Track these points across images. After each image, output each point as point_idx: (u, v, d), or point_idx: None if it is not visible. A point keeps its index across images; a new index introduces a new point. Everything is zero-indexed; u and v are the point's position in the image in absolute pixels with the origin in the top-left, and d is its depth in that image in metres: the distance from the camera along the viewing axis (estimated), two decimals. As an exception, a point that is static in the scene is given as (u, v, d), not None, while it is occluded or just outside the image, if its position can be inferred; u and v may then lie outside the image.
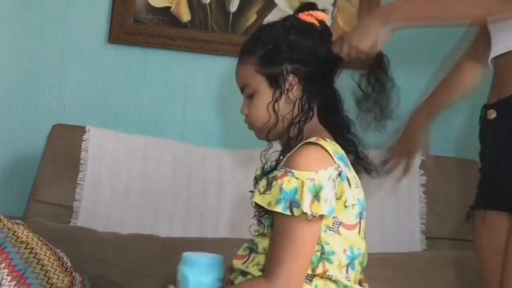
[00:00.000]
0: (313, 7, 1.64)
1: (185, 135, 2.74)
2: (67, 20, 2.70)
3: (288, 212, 1.43)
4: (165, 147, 2.61)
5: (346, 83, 1.66)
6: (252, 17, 2.75)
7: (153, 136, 2.65)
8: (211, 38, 2.73)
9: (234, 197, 2.55)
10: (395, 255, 2.46)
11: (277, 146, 1.65)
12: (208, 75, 2.76)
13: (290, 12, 1.70)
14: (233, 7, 2.74)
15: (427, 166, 1.69)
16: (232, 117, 2.76)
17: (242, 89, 1.63)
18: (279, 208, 1.44)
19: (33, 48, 2.68)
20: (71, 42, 2.70)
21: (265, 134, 1.60)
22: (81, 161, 2.51)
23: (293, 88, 1.56)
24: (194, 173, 2.58)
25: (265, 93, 1.57)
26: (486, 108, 1.69)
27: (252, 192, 1.60)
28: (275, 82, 1.56)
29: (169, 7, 2.71)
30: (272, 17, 2.71)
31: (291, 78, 1.56)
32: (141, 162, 2.56)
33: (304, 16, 1.62)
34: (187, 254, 1.55)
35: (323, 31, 1.62)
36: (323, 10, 1.64)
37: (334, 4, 2.77)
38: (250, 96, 1.60)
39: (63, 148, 2.54)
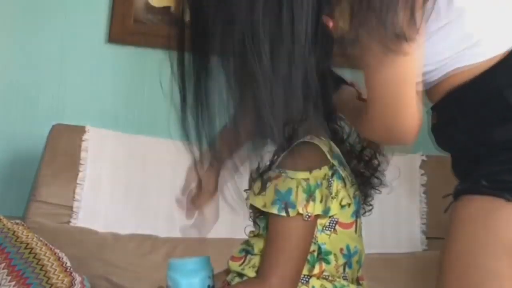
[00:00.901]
0: None
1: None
2: (67, 20, 2.69)
3: (283, 213, 1.42)
4: (165, 147, 2.60)
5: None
6: (252, 17, 2.74)
7: (153, 136, 2.65)
8: (211, 38, 2.73)
9: (234, 197, 2.55)
10: (395, 255, 2.47)
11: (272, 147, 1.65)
12: (208, 75, 2.76)
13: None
14: (233, 7, 2.74)
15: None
16: (232, 117, 2.76)
17: None
18: (274, 210, 1.43)
19: (33, 48, 2.68)
20: (71, 42, 2.70)
21: None
22: (81, 161, 2.51)
23: None
24: (194, 173, 2.58)
25: None
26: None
27: (247, 191, 1.60)
28: None
29: (169, 7, 2.71)
30: (272, 17, 2.71)
31: None
32: (141, 162, 2.56)
33: None
34: (172, 260, 1.56)
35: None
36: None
37: (334, 4, 2.77)
38: None
39: (63, 148, 2.53)
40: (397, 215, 2.58)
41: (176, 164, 2.57)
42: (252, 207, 1.51)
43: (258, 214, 1.52)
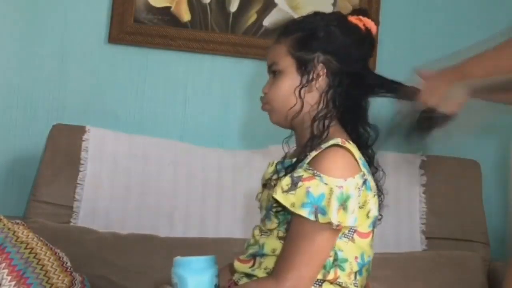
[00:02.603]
0: (363, 13, 1.62)
1: (185, 135, 2.74)
2: (67, 20, 2.69)
3: (312, 218, 1.41)
4: (165, 147, 2.61)
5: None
6: (252, 17, 2.75)
7: (153, 136, 2.65)
8: (211, 38, 2.73)
9: (234, 197, 2.55)
10: (395, 255, 2.46)
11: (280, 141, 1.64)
12: (208, 75, 2.76)
13: (291, 12, 1.69)
14: (233, 7, 2.74)
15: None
16: (232, 117, 2.76)
17: (270, 67, 1.60)
18: (304, 212, 1.41)
19: (33, 48, 2.67)
20: (71, 42, 2.70)
21: (289, 120, 1.56)
22: (81, 161, 2.51)
23: (319, 78, 1.54)
24: (194, 173, 2.58)
25: (291, 76, 1.55)
26: None
27: (265, 184, 1.58)
28: (304, 67, 1.53)
29: (169, 7, 2.71)
30: (272, 17, 2.71)
31: (320, 67, 1.53)
32: (141, 162, 2.55)
33: (352, 18, 1.60)
34: (179, 258, 1.55)
35: (366, 37, 1.59)
36: (374, 20, 1.62)
37: (334, 4, 2.77)
38: (275, 75, 1.58)
39: (63, 148, 2.53)
40: (397, 215, 2.58)
41: (176, 164, 2.58)
42: (274, 201, 1.47)
43: (279, 209, 1.50)
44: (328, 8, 2.67)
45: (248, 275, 1.55)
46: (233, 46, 2.71)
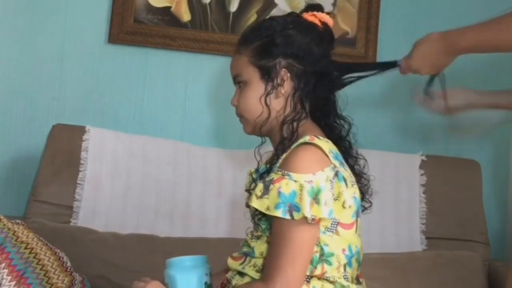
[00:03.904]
0: (318, 8, 1.64)
1: (185, 135, 2.74)
2: (67, 20, 2.70)
3: (288, 216, 1.42)
4: (165, 147, 2.61)
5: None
6: (252, 17, 2.75)
7: (153, 136, 2.65)
8: (211, 38, 2.73)
9: (234, 197, 2.55)
10: (395, 255, 2.46)
11: (268, 146, 1.65)
12: (208, 75, 2.76)
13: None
14: (233, 7, 2.74)
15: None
16: (232, 117, 2.75)
17: (234, 79, 1.63)
18: (278, 213, 1.43)
19: (33, 48, 2.68)
20: (71, 42, 2.70)
21: (258, 128, 1.60)
22: (81, 161, 2.51)
23: (284, 83, 1.56)
24: (194, 173, 2.58)
25: (256, 85, 1.58)
26: None
27: (248, 192, 1.59)
28: (267, 75, 1.56)
29: (169, 7, 2.71)
30: (272, 17, 2.71)
31: (283, 72, 1.56)
32: (141, 162, 2.56)
33: (307, 16, 1.62)
34: (170, 259, 1.56)
35: (324, 32, 1.61)
36: (328, 13, 1.64)
37: (334, 4, 2.77)
38: (240, 86, 1.61)
39: (63, 148, 2.54)
40: (397, 215, 2.58)
41: (176, 164, 2.58)
42: (254, 208, 1.50)
43: (260, 216, 1.52)
44: (328, 8, 2.67)
45: (240, 273, 1.56)
46: (233, 46, 2.68)
